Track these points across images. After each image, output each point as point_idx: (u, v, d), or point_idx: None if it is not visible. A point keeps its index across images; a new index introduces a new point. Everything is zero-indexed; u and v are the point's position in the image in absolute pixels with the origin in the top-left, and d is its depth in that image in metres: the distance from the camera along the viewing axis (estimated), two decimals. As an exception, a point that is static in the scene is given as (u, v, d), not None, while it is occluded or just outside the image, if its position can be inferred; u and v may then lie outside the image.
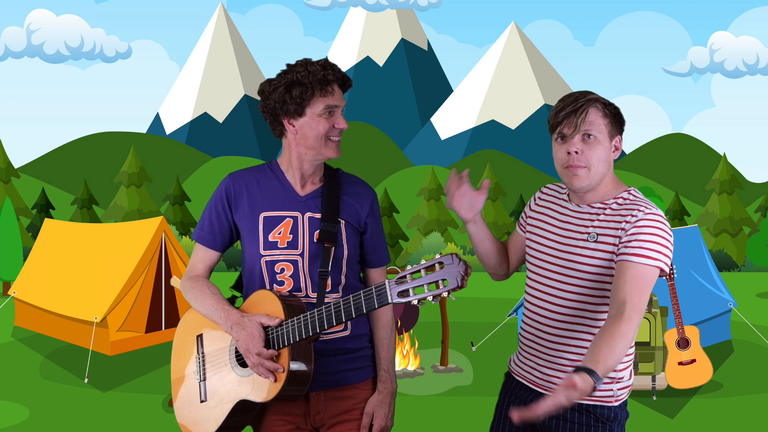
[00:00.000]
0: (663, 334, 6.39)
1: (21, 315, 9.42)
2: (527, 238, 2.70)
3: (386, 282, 2.35)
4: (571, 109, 2.49)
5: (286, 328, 2.51)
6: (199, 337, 2.76)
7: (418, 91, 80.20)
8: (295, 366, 2.51)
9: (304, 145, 2.66)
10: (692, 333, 6.38)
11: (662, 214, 2.50)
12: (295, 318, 2.51)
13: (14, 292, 9.30)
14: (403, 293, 2.31)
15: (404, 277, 2.32)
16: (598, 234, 2.50)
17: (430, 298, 2.28)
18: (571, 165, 2.50)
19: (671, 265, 6.37)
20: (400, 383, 6.90)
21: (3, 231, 12.15)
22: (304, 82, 2.60)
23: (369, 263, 2.80)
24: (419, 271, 2.30)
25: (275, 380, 2.52)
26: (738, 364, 7.68)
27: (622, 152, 2.67)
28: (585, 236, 2.52)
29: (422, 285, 2.29)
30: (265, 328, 2.55)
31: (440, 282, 2.27)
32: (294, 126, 2.65)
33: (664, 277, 6.39)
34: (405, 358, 7.28)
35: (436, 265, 2.28)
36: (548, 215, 2.66)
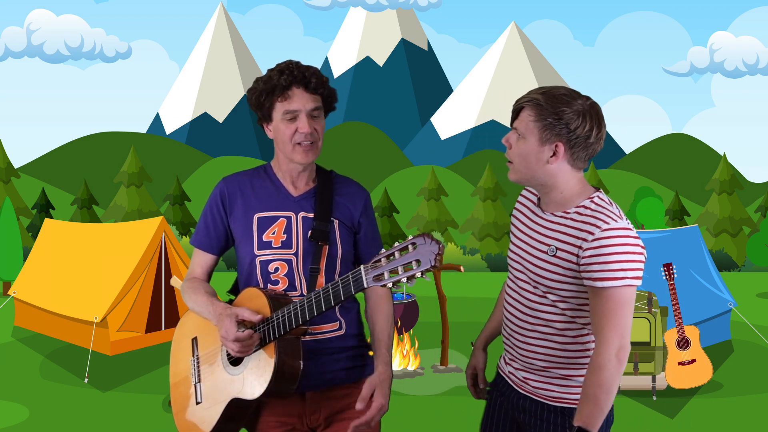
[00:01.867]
0: (663, 334, 6.39)
1: (21, 315, 9.42)
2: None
3: (361, 267, 2.36)
4: (515, 106, 2.54)
5: (271, 323, 2.52)
6: (194, 340, 2.78)
7: (418, 91, 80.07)
8: (282, 360, 2.51)
9: (280, 149, 2.73)
10: (692, 333, 6.38)
11: (625, 225, 2.40)
12: (279, 312, 2.52)
13: (14, 292, 9.30)
14: (378, 277, 2.31)
15: (379, 260, 2.32)
16: (557, 248, 2.47)
17: (404, 280, 2.27)
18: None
19: (671, 265, 6.37)
20: (400, 383, 6.90)
21: (3, 231, 12.14)
22: (265, 89, 2.66)
23: (363, 262, 2.81)
24: (393, 254, 2.30)
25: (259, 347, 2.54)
26: (738, 364, 7.67)
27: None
28: (545, 248, 2.51)
29: (396, 267, 2.28)
30: (253, 327, 2.56)
31: (414, 263, 2.26)
32: (271, 131, 2.73)
33: (664, 278, 6.39)
34: (405, 358, 7.27)
35: (410, 246, 2.27)
36: (521, 221, 2.67)
